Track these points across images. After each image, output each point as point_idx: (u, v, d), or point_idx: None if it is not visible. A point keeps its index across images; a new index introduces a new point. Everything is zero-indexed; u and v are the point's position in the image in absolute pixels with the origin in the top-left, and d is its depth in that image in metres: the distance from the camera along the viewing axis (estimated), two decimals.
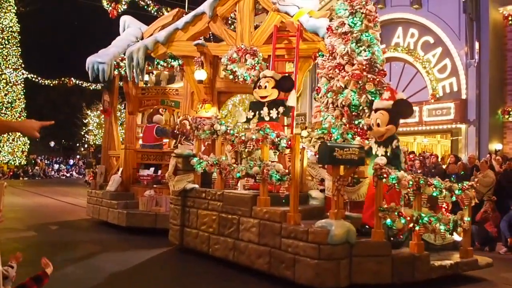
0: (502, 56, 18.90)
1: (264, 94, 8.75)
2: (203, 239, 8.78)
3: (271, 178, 7.50)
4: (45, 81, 44.77)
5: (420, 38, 20.63)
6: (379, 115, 7.46)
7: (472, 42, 18.77)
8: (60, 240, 10.28)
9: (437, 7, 19.91)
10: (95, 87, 44.80)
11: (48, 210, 16.23)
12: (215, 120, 8.80)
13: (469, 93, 18.81)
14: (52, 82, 44.85)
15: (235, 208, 8.14)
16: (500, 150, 17.93)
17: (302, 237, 6.89)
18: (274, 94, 8.79)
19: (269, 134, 7.69)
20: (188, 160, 9.34)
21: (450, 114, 18.92)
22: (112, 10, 27.38)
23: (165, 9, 29.46)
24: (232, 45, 10.69)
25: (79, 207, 16.92)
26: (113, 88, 13.60)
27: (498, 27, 18.94)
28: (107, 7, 26.80)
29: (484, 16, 18.62)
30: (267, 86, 8.77)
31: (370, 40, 8.83)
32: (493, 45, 18.55)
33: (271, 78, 8.79)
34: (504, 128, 18.79)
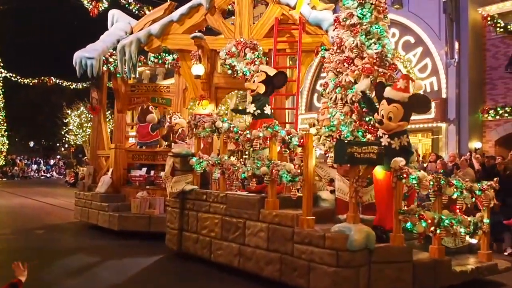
0: (481, 56, 19.04)
1: (251, 88, 8.19)
2: (204, 244, 8.16)
3: (281, 179, 6.92)
4: (25, 80, 43.51)
5: (401, 38, 20.47)
6: (392, 108, 6.85)
7: (452, 42, 18.81)
8: (49, 246, 9.56)
9: (417, 7, 19.83)
10: (76, 86, 43.82)
11: (31, 212, 15.51)
12: (217, 117, 8.16)
13: (449, 93, 18.76)
14: (32, 81, 43.62)
15: (240, 211, 7.53)
16: (479, 148, 18.13)
17: (318, 243, 6.32)
18: (260, 89, 8.19)
19: (278, 132, 7.09)
20: (186, 160, 8.72)
21: (431, 113, 18.71)
22: (92, 9, 26.49)
23: (146, 8, 28.71)
24: (231, 38, 10.06)
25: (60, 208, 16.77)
26: (102, 84, 12.86)
27: (477, 27, 19.21)
28: (87, 5, 25.92)
29: (464, 16, 18.76)
30: (256, 80, 8.18)
31: (380, 33, 8.28)
32: (472, 45, 18.68)
33: (263, 72, 8.21)
34: (484, 127, 18.91)
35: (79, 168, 38.17)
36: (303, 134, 6.84)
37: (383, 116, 6.88)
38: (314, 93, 25.66)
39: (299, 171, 6.79)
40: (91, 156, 13.03)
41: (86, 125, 46.76)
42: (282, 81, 8.33)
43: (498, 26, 18.91)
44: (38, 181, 39.59)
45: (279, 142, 7.08)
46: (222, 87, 10.31)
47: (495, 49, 19.14)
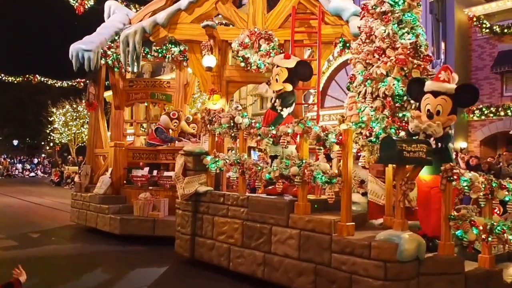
0: (467, 57, 19.25)
1: (277, 89, 7.31)
2: (222, 251, 7.26)
3: (314, 180, 6.05)
4: (9, 78, 41.98)
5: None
6: (441, 101, 5.98)
7: (438, 42, 18.90)
8: (47, 253, 8.52)
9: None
10: (61, 84, 42.51)
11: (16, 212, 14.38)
12: (236, 112, 7.26)
13: None
14: (16, 79, 42.14)
15: (265, 216, 6.64)
16: (465, 148, 18.29)
17: (361, 253, 5.47)
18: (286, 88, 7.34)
19: (311, 128, 6.21)
20: (199, 159, 7.80)
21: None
22: (78, 6, 25.33)
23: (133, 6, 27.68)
24: (244, 28, 9.16)
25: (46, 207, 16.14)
26: (99, 79, 11.84)
27: (463, 28, 19.62)
28: (73, 2, 24.77)
29: (450, 17, 18.91)
30: (278, 80, 7.30)
31: (412, 21, 7.48)
32: (458, 46, 18.87)
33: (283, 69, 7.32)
34: (469, 126, 19.15)
35: (64, 167, 37.06)
36: (341, 130, 5.98)
37: (429, 111, 6.05)
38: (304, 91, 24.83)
39: (337, 172, 5.94)
40: (88, 155, 11.99)
41: (72, 123, 45.51)
42: (307, 72, 7.46)
43: (484, 27, 18.97)
44: (23, 180, 38.20)
45: (312, 139, 6.19)
46: (234, 81, 9.40)
47: (481, 49, 19.41)
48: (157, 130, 11.35)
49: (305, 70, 7.40)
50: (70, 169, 34.93)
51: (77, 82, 41.73)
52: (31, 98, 53.59)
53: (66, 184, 31.60)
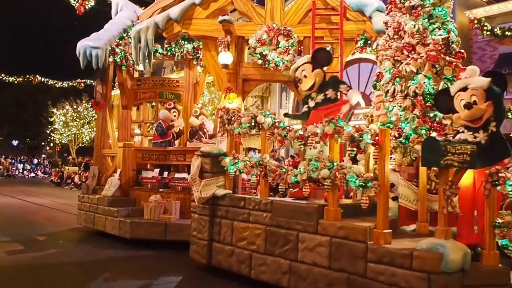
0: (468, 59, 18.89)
1: (309, 85, 6.82)
2: (242, 258, 6.75)
3: (347, 184, 5.56)
4: (9, 78, 41.39)
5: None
6: (472, 91, 5.49)
7: None
8: (55, 259, 7.97)
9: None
10: (61, 84, 41.98)
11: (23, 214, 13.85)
12: (258, 111, 6.75)
13: None
14: (17, 80, 41.55)
15: (291, 221, 6.14)
16: None
17: (402, 263, 4.98)
18: (319, 76, 6.86)
19: (343, 127, 5.71)
20: (217, 160, 7.30)
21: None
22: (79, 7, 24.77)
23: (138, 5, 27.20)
24: (261, 24, 8.66)
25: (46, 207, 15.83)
26: (107, 77, 11.31)
27: (464, 30, 19.08)
28: (73, 3, 24.22)
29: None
30: (307, 75, 6.82)
31: (444, 16, 7.00)
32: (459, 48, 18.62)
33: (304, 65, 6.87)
34: None
35: (65, 168, 36.54)
36: (377, 130, 5.50)
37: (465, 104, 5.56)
38: None
39: (372, 175, 5.44)
40: (95, 155, 11.46)
41: (72, 124, 44.99)
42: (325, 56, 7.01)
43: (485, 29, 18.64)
44: (23, 180, 37.67)
45: (345, 140, 5.70)
46: (250, 79, 8.86)
47: (482, 51, 19.32)
48: (157, 126, 10.86)
49: (323, 54, 6.97)
50: (70, 169, 34.55)
51: (77, 83, 41.21)
52: (31, 98, 52.98)
53: (66, 184, 31.19)
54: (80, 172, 31.00)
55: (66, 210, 15.14)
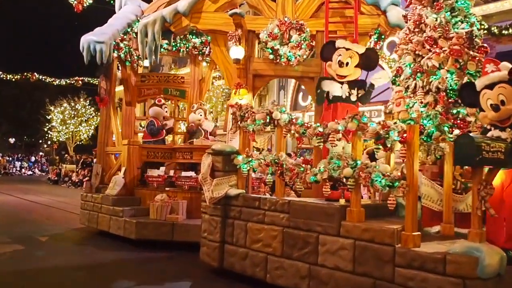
0: None
1: (345, 73, 6.42)
2: (257, 261, 6.39)
3: (372, 184, 5.20)
4: (7, 76, 40.86)
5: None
6: (499, 90, 5.22)
7: None
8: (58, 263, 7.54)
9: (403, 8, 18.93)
10: (59, 82, 41.53)
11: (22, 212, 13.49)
12: (274, 107, 6.39)
13: None
14: (14, 77, 41.04)
15: (310, 223, 5.79)
16: None
17: (434, 268, 4.64)
18: (355, 75, 6.50)
19: (368, 124, 5.35)
20: (229, 158, 6.93)
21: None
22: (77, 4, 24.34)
23: None
24: (272, 18, 8.28)
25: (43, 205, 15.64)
26: (111, 73, 10.89)
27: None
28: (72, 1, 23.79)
29: None
30: (350, 64, 6.44)
31: (466, 9, 6.66)
32: None
33: (354, 52, 6.46)
34: None
35: (62, 165, 36.07)
36: (404, 126, 5.14)
37: (492, 105, 5.25)
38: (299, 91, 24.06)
39: (400, 174, 5.09)
40: (98, 153, 11.06)
41: (69, 121, 44.49)
42: (376, 60, 6.65)
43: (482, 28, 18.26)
44: (20, 178, 37.21)
45: (370, 137, 5.34)
46: (261, 75, 8.46)
47: None
48: (148, 125, 10.43)
49: (375, 57, 6.62)
50: (67, 167, 34.08)
51: (75, 80, 40.77)
52: (29, 96, 52.40)
53: (64, 182, 30.78)
54: (77, 170, 30.61)
55: (65, 208, 14.96)
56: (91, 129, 45.42)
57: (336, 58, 6.50)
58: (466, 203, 5.86)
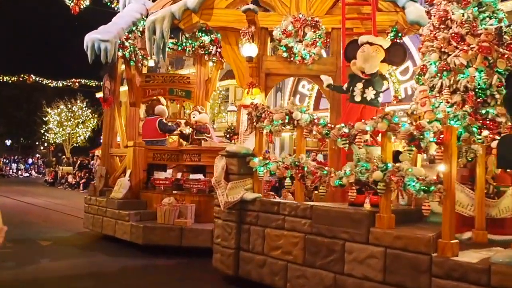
0: None
1: (372, 71, 6.01)
2: (276, 269, 5.98)
3: (405, 188, 4.80)
4: (4, 78, 40.30)
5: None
6: None
7: None
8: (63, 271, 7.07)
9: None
10: (56, 84, 41.06)
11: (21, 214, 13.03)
12: (293, 106, 5.99)
13: None
14: (11, 79, 40.50)
15: (335, 229, 5.38)
16: None
17: (477, 279, 4.25)
18: (382, 69, 6.08)
19: (399, 124, 4.96)
20: (245, 161, 6.52)
21: None
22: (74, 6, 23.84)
23: None
24: (286, 15, 7.89)
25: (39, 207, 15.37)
26: (115, 73, 10.46)
27: None
28: (69, 2, 23.28)
29: None
30: (376, 57, 6.02)
31: (494, 5, 6.28)
32: None
33: (379, 46, 6.05)
34: None
35: (59, 167, 35.50)
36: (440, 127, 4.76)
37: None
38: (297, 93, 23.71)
39: (436, 178, 4.70)
40: (102, 155, 10.62)
41: (66, 123, 43.93)
42: (402, 55, 6.22)
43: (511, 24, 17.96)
44: (17, 180, 36.65)
45: (403, 139, 4.94)
46: (274, 73, 8.05)
47: None
48: (160, 123, 10.07)
49: (402, 52, 6.20)
50: (64, 169, 33.52)
51: (72, 82, 40.30)
52: (26, 97, 51.77)
53: (60, 184, 30.29)
54: (74, 172, 30.15)
55: (62, 210, 14.68)
56: (88, 131, 44.94)
57: (361, 55, 6.09)
58: (499, 208, 5.50)
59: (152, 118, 10.36)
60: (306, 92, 23.65)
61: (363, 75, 6.05)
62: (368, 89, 6.04)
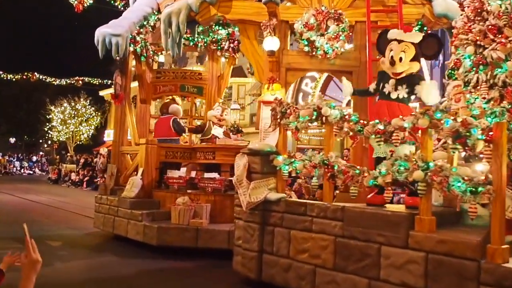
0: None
1: (400, 70, 5.59)
2: (303, 273, 5.60)
3: (449, 189, 4.41)
4: (8, 76, 39.85)
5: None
6: None
7: None
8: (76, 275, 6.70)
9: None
10: (59, 82, 40.62)
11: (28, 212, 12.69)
12: (322, 102, 5.59)
13: None
14: (15, 77, 40.06)
15: (370, 232, 4.99)
16: None
17: None
18: (413, 68, 5.66)
19: (442, 121, 4.57)
20: (268, 159, 6.13)
21: None
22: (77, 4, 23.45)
23: None
24: (307, 7, 7.49)
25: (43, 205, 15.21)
26: (127, 68, 10.05)
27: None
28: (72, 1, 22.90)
29: None
30: (403, 59, 5.59)
31: None
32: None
33: (409, 44, 5.62)
34: None
35: (62, 165, 35.13)
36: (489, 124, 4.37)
37: None
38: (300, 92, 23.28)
39: (484, 178, 4.31)
40: (113, 153, 10.22)
41: (70, 121, 43.56)
42: (436, 47, 5.79)
43: None
44: (20, 178, 36.29)
45: (447, 136, 4.55)
46: (294, 68, 7.65)
47: None
48: (174, 122, 9.73)
49: (436, 43, 5.76)
50: (68, 167, 33.24)
51: (75, 80, 39.88)
52: (29, 96, 51.36)
53: (64, 182, 29.99)
54: (77, 170, 29.85)
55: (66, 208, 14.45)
56: (91, 129, 44.57)
57: (388, 54, 5.67)
58: None
59: (166, 116, 10.02)
60: (309, 90, 23.25)
61: (393, 75, 5.63)
62: (401, 87, 5.63)
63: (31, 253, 2.18)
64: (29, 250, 2.19)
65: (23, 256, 2.21)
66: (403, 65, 5.59)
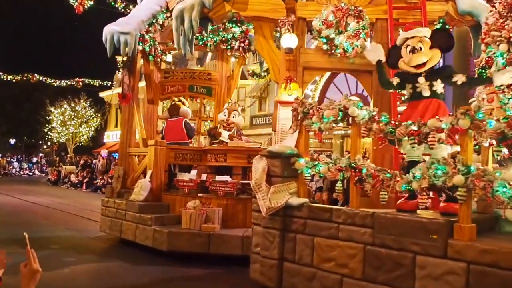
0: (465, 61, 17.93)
1: (423, 60, 5.20)
2: (328, 283, 5.23)
3: (493, 195, 4.06)
4: (8, 77, 39.37)
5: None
6: None
7: None
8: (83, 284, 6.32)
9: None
10: (59, 83, 40.15)
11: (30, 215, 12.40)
12: (348, 102, 5.23)
13: None
14: (15, 78, 39.57)
15: (403, 241, 4.62)
16: None
17: None
18: (436, 57, 5.28)
19: (484, 121, 4.21)
20: (289, 162, 5.77)
21: None
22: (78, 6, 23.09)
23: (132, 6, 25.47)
24: (326, 4, 7.13)
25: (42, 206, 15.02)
26: (135, 68, 9.66)
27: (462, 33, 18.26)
28: (73, 2, 22.53)
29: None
30: (423, 48, 5.23)
31: None
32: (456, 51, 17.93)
33: (423, 37, 5.27)
34: None
35: (62, 167, 34.67)
36: None
37: None
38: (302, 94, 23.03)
39: None
40: (120, 154, 9.83)
41: (70, 123, 43.10)
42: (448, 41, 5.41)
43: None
44: (20, 179, 35.89)
45: (491, 137, 4.19)
46: (312, 67, 7.27)
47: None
48: (186, 125, 9.40)
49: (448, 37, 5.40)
50: (67, 168, 32.77)
51: (76, 81, 39.45)
52: (29, 96, 50.88)
53: (63, 183, 29.58)
54: (77, 171, 29.46)
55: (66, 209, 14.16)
56: (91, 130, 44.13)
57: (406, 50, 5.32)
58: None
59: (177, 119, 9.67)
60: (309, 92, 22.96)
61: (417, 68, 5.23)
62: (436, 82, 5.25)
63: (32, 263, 2.15)
64: (30, 260, 2.15)
65: (22, 265, 2.17)
66: (425, 53, 5.22)
